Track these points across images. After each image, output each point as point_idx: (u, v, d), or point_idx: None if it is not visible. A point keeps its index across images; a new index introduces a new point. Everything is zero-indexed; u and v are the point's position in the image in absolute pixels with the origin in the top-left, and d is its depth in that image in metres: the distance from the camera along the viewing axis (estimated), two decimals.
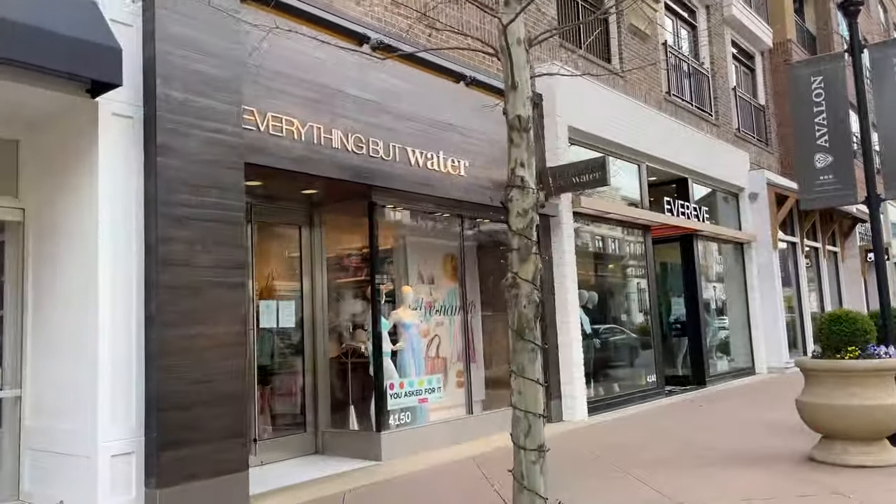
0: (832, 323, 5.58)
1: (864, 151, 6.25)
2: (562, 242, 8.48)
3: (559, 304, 8.46)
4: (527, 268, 2.65)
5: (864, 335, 5.47)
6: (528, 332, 2.78)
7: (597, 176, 8.06)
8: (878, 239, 6.18)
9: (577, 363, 8.39)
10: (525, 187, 2.75)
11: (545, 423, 2.87)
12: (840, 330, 5.52)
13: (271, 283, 6.48)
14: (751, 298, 13.50)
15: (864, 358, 5.35)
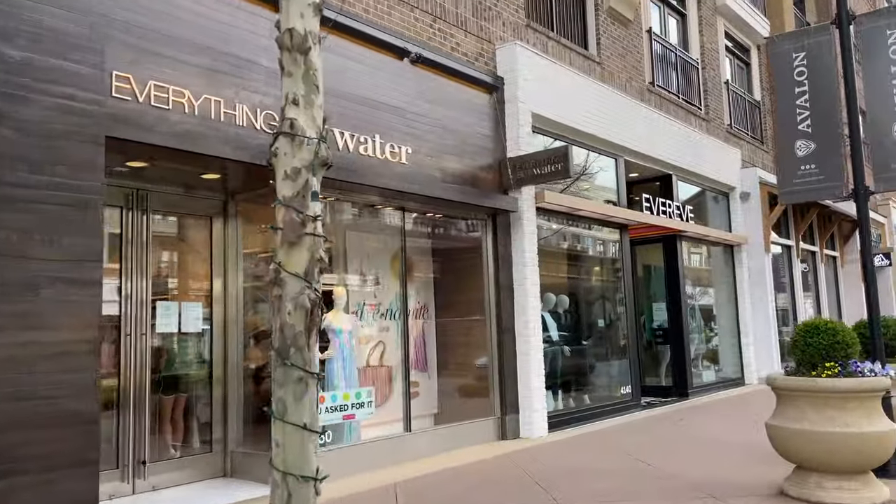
0: (808, 334, 4.78)
1: (852, 138, 5.45)
2: (522, 241, 7.69)
3: (518, 308, 7.67)
4: (296, 256, 1.76)
5: (844, 349, 4.66)
6: (293, 353, 1.78)
7: (558, 167, 7.28)
8: (866, 238, 5.38)
9: (537, 374, 7.59)
10: (297, 135, 1.91)
11: (316, 491, 1.88)
12: (817, 342, 4.71)
13: (171, 281, 5.72)
14: (741, 304, 12.66)
15: (845, 376, 4.54)
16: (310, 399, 1.72)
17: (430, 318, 7.73)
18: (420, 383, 7.58)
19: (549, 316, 8.74)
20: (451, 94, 7.29)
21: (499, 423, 7.45)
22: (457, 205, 7.14)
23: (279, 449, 1.71)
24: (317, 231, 1.80)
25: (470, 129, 7.47)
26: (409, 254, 7.29)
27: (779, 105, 5.88)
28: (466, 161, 7.37)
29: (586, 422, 8.43)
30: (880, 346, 5.27)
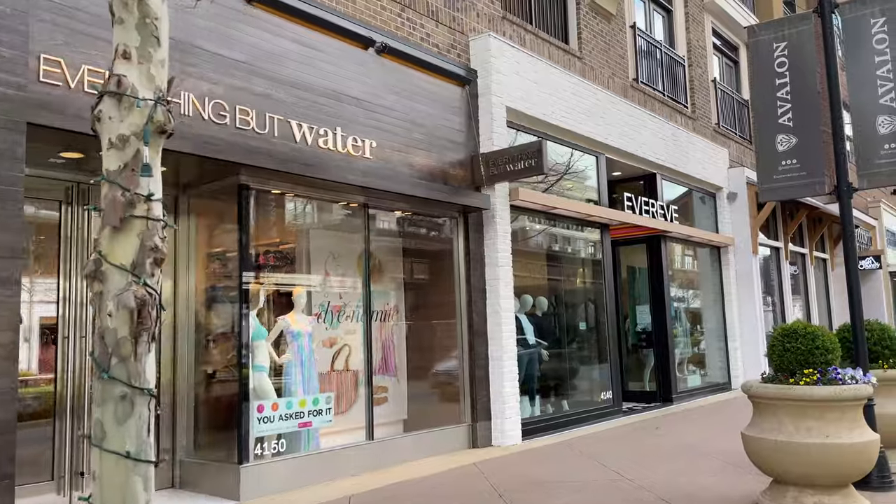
0: (786, 338, 4.49)
1: (834, 132, 5.18)
2: (495, 240, 7.39)
3: (491, 310, 7.37)
4: (122, 244, 1.39)
5: (824, 355, 4.37)
6: (115, 365, 1.41)
7: (532, 163, 6.99)
8: (850, 238, 5.10)
9: (510, 379, 7.29)
10: (126, 95, 1.54)
11: None
12: (795, 347, 4.42)
13: None
14: (728, 307, 12.40)
15: (824, 384, 4.25)
16: (137, 421, 1.37)
17: (401, 321, 7.41)
18: (389, 388, 7.26)
19: (525, 318, 8.45)
20: (421, 86, 7.00)
21: (470, 430, 7.14)
22: (426, 202, 6.84)
23: (99, 483, 1.35)
24: (151, 214, 1.47)
25: (440, 124, 7.17)
26: (378, 253, 6.99)
27: (758, 97, 5.60)
28: (436, 156, 7.08)
29: (563, 429, 8.13)
30: (863, 352, 4.98)
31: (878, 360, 5.52)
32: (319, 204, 6.38)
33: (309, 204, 6.29)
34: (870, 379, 4.34)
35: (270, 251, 6.01)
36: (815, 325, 4.49)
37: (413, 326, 7.46)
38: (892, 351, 5.53)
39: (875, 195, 20.90)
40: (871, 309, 18.95)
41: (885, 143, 5.06)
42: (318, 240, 6.56)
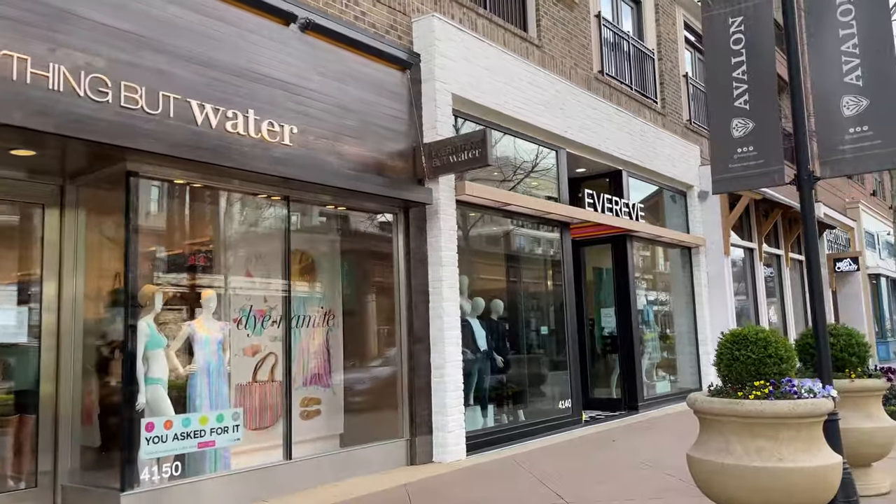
0: (735, 345, 3.94)
1: (795, 115, 4.65)
2: (439, 238, 6.81)
3: (433, 314, 6.78)
4: None
5: (778, 364, 3.82)
6: None
7: (476, 153, 6.42)
8: (810, 232, 4.56)
9: (454, 389, 6.70)
10: None
11: None
12: (745, 356, 3.87)
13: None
14: (699, 310, 11.90)
15: (777, 398, 3.70)
16: None
17: (337, 326, 6.79)
18: (323, 401, 6.65)
19: (477, 323, 7.87)
20: (354, 69, 6.41)
21: (408, 446, 6.54)
22: (360, 195, 6.24)
23: None
24: None
25: (377, 110, 6.58)
26: (309, 252, 6.39)
27: (712, 78, 5.07)
28: (372, 146, 6.49)
29: (515, 442, 7.55)
30: (826, 360, 4.45)
31: (844, 369, 4.99)
32: (235, 197, 5.75)
33: (222, 196, 5.66)
34: (830, 392, 3.79)
35: (170, 249, 5.37)
36: (768, 331, 3.94)
37: (351, 332, 6.86)
38: (859, 358, 5.01)
39: (854, 196, 20.60)
40: (851, 312, 18.60)
41: (850, 127, 4.54)
42: (235, 237, 5.94)
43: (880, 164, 4.44)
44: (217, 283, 5.73)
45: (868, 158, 4.47)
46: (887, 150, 4.40)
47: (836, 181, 19.11)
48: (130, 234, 4.69)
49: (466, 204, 7.32)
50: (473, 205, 7.44)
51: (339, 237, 6.76)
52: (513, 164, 8.43)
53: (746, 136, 4.90)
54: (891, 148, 4.39)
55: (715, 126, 5.06)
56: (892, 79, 4.47)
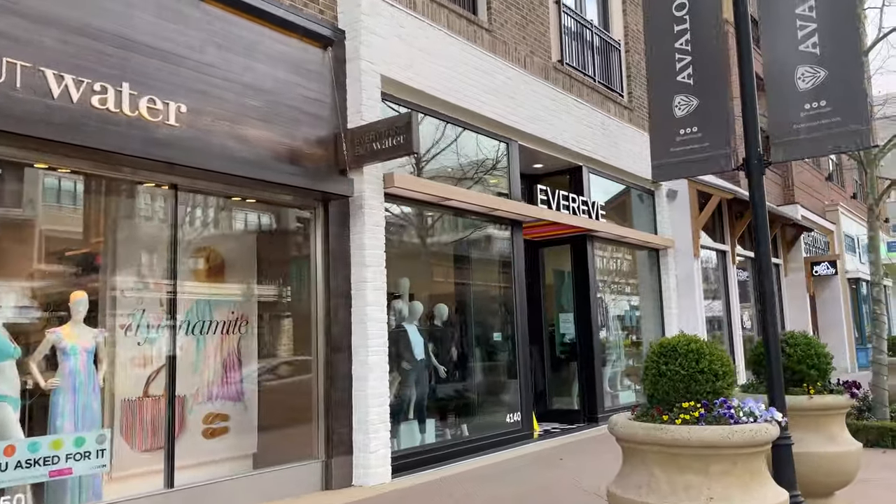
0: (662, 357, 3.28)
1: (743, 90, 4.02)
2: (362, 235, 6.11)
3: (356, 320, 6.08)
4: None
5: (711, 381, 3.17)
6: None
7: (400, 140, 5.74)
8: (761, 226, 3.93)
9: (378, 404, 5.99)
10: None
11: None
12: (673, 371, 3.21)
13: None
14: (667, 315, 11.28)
15: (709, 422, 3.04)
16: None
17: (251, 333, 6.07)
18: (231, 416, 5.93)
19: (415, 329, 7.18)
20: (263, 43, 5.71)
21: (323, 468, 5.82)
22: (269, 186, 5.54)
23: None
24: None
25: (293, 92, 5.89)
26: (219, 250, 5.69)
27: (653, 48, 4.43)
28: (285, 131, 5.79)
29: (456, 460, 6.85)
30: (777, 373, 3.80)
31: (802, 383, 4.34)
32: (117, 185, 5.01)
33: (95, 183, 4.92)
34: (773, 416, 3.13)
35: (25, 243, 4.64)
36: (702, 341, 3.28)
37: (268, 339, 6.15)
38: (820, 371, 4.36)
39: (833, 198, 20.14)
40: (830, 317, 18.09)
41: (806, 102, 3.90)
42: (115, 231, 5.20)
43: (840, 145, 3.81)
44: (92, 284, 4.99)
45: (826, 139, 3.83)
46: (848, 129, 3.77)
47: (815, 183, 18.63)
48: None
49: (398, 198, 6.63)
50: (407, 199, 6.76)
51: (253, 233, 6.05)
52: (458, 157, 7.76)
53: (690, 116, 4.26)
54: (852, 126, 3.76)
55: (655, 104, 4.42)
56: (854, 45, 3.84)
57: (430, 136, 7.36)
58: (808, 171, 18.19)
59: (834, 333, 17.79)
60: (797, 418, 4.15)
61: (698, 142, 4.20)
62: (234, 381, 6.00)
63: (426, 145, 7.28)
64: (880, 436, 6.84)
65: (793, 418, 4.09)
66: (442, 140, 7.50)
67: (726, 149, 4.12)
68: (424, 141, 7.27)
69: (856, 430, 7.00)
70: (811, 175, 18.41)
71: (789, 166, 16.60)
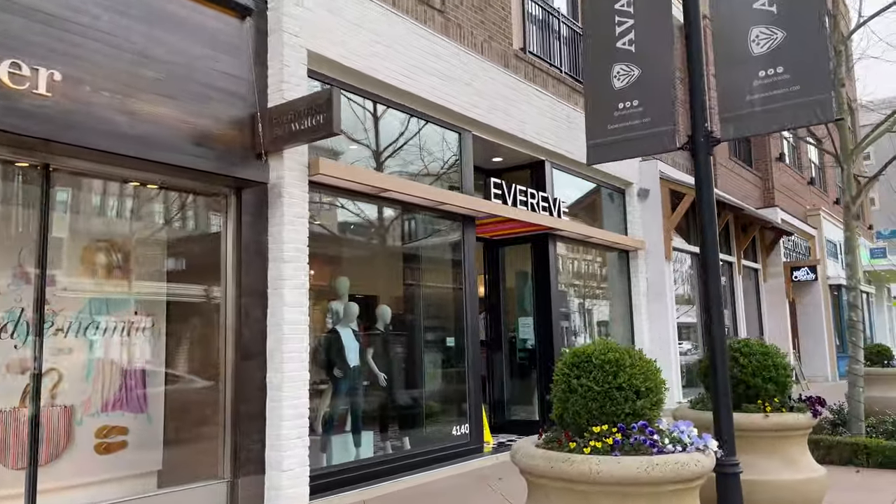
0: (575, 368, 2.67)
1: (690, 57, 3.43)
2: (281, 228, 5.46)
3: (272, 323, 5.42)
4: None
5: (631, 401, 2.56)
6: None
7: (320, 119, 5.11)
8: (707, 213, 3.34)
9: (296, 416, 5.34)
10: None
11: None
12: (586, 387, 2.60)
13: None
14: (637, 320, 10.71)
15: (627, 452, 2.43)
16: None
17: (159, 336, 5.40)
18: (130, 429, 5.25)
19: (350, 333, 6.54)
20: (166, 9, 5.06)
21: (229, 488, 5.15)
22: (169, 169, 4.88)
23: None
24: None
25: (201, 64, 5.24)
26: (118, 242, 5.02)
27: (590, 10, 3.84)
28: (191, 108, 5.14)
29: (388, 478, 6.21)
30: (723, 388, 3.19)
31: (757, 399, 3.75)
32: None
33: None
34: (707, 443, 2.53)
35: None
36: (623, 349, 2.67)
37: (178, 343, 5.48)
38: (778, 385, 3.77)
39: (815, 203, 19.71)
40: (811, 324, 17.62)
41: (761, 68, 3.32)
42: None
43: (800, 118, 3.22)
44: None
45: (783, 111, 3.24)
46: (808, 99, 3.18)
47: (797, 186, 18.19)
48: None
49: (326, 187, 6.00)
50: (337, 189, 6.12)
51: (162, 225, 5.39)
52: (403, 147, 7.14)
53: (631, 87, 3.66)
54: (813, 96, 3.17)
55: (592, 75, 3.82)
56: (815, 3, 3.26)
57: (370, 123, 6.75)
58: (790, 174, 17.74)
59: (815, 341, 17.33)
60: (751, 440, 3.56)
61: (639, 117, 3.60)
62: (136, 389, 5.33)
63: (367, 132, 6.65)
64: (854, 453, 6.27)
65: (745, 440, 3.50)
66: (385, 127, 6.88)
67: (670, 125, 3.52)
68: (365, 127, 6.66)
69: (828, 447, 6.45)
70: (793, 178, 17.97)
71: (769, 168, 16.14)
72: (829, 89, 3.09)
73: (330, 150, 6.37)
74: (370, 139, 6.76)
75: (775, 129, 3.28)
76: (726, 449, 3.09)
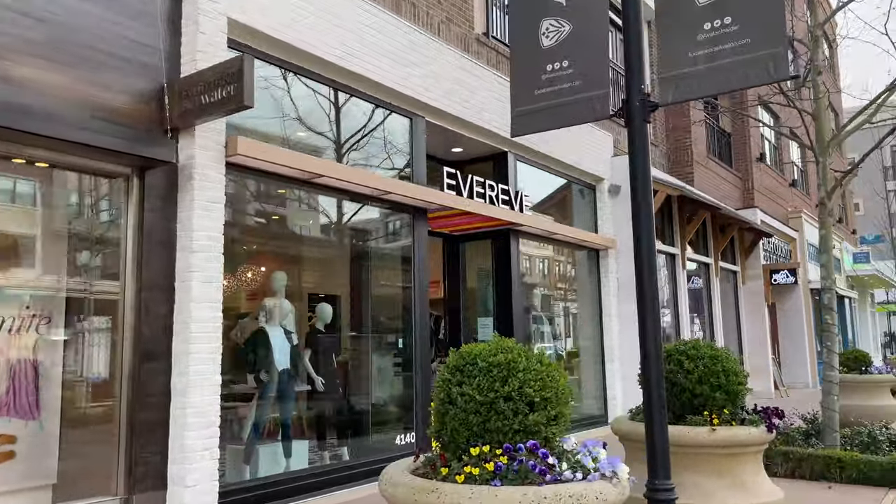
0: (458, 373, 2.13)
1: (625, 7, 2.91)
2: (191, 213, 4.88)
3: (178, 319, 4.84)
4: None
5: (522, 414, 2.02)
6: None
7: (230, 91, 4.54)
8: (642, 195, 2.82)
9: (203, 426, 4.75)
10: None
11: None
12: (468, 397, 2.05)
13: None
14: (606, 322, 10.21)
15: (511, 480, 1.89)
16: None
17: (54, 335, 4.81)
18: (19, 438, 4.65)
19: (281, 333, 5.97)
20: None
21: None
22: (52, 143, 4.31)
23: None
24: None
25: (103, 28, 4.67)
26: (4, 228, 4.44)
27: None
28: (85, 76, 4.55)
29: (317, 493, 5.64)
30: (657, 398, 2.66)
31: (704, 409, 3.22)
32: None
33: None
34: (615, 468, 1.99)
35: None
36: (517, 349, 2.13)
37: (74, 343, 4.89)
38: (729, 394, 3.24)
39: (797, 206, 19.35)
40: (791, 328, 17.22)
41: (706, 20, 2.80)
42: None
43: (750, 77, 2.70)
44: None
45: (732, 68, 2.73)
46: (760, 54, 2.67)
47: (778, 188, 17.80)
48: None
49: (248, 170, 5.43)
50: (261, 172, 5.55)
51: (61, 209, 4.79)
52: (344, 130, 6.59)
53: (560, 45, 3.14)
54: (766, 49, 2.66)
55: (517, 33, 3.29)
56: None
57: (309, 104, 6.19)
58: (771, 175, 17.36)
59: (795, 347, 16.93)
60: (695, 458, 3.03)
61: (569, 79, 3.08)
62: (26, 393, 4.74)
63: (307, 115, 6.09)
64: (826, 467, 5.78)
65: (689, 458, 2.97)
66: (326, 110, 6.32)
67: (604, 88, 3.00)
68: (302, 108, 6.11)
69: (799, 460, 5.96)
70: (774, 180, 17.58)
71: (750, 168, 15.73)
72: (783, 42, 2.58)
73: (263, 134, 5.80)
74: (309, 122, 6.20)
75: (722, 90, 2.78)
76: (659, 471, 2.56)
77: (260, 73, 5.74)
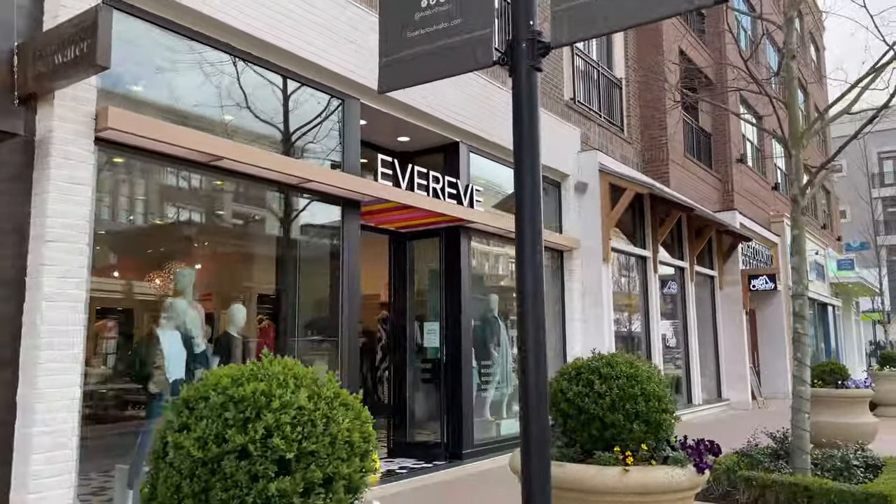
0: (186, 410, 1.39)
1: None
2: (45, 196, 4.13)
3: (27, 321, 4.08)
4: None
5: (267, 479, 1.29)
6: None
7: (83, 48, 3.80)
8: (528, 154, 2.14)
9: (51, 446, 3.98)
10: None
11: None
12: (185, 452, 1.33)
13: None
14: (570, 328, 9.52)
15: None
16: None
17: None
18: None
19: (176, 338, 5.22)
20: None
21: None
22: None
23: None
24: None
25: None
26: None
27: None
28: None
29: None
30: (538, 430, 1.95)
31: (614, 445, 2.51)
32: None
33: None
34: None
35: None
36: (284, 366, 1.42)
37: None
38: (650, 425, 2.53)
39: (779, 209, 18.79)
40: (771, 336, 16.61)
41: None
42: None
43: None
44: None
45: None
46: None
47: (760, 192, 17.22)
48: None
49: (125, 148, 4.66)
50: (150, 152, 4.80)
51: None
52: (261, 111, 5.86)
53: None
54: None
55: None
56: None
57: (218, 79, 5.45)
58: (753, 178, 16.77)
59: (774, 355, 16.33)
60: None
61: (446, 18, 2.37)
62: None
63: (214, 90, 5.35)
64: (793, 496, 5.09)
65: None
66: (238, 86, 5.59)
67: (487, 28, 2.29)
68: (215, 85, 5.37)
69: (763, 487, 5.28)
70: (756, 183, 16.99)
71: (730, 170, 15.11)
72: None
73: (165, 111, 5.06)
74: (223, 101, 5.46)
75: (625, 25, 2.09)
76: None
77: (163, 41, 5.02)
